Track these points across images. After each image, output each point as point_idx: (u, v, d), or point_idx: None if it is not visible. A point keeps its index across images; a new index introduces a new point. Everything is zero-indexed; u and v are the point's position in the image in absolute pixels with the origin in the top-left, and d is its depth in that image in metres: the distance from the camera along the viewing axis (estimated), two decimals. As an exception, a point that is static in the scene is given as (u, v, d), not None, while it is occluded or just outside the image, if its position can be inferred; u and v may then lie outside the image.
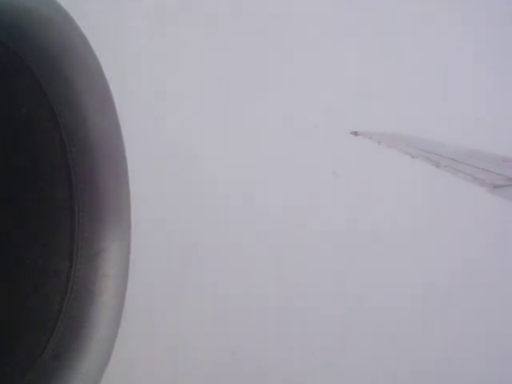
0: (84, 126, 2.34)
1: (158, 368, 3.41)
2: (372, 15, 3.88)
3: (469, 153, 3.13)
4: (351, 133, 3.62)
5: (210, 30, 3.70)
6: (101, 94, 2.36)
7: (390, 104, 3.83)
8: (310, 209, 3.73)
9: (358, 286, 3.69)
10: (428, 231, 3.77)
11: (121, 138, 2.43)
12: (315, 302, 3.66)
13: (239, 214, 3.66)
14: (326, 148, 3.76)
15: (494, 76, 3.90)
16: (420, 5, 3.94)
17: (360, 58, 3.84)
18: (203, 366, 3.48)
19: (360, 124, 3.64)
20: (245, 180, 3.68)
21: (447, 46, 3.92)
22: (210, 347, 3.49)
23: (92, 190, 2.37)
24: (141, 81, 3.51)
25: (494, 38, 3.95)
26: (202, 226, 3.59)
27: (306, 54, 3.82)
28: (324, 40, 3.82)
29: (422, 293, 3.69)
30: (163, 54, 3.60)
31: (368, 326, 3.68)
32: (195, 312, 3.50)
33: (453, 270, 3.70)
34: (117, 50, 3.25)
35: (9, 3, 2.00)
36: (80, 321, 2.30)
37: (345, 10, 3.84)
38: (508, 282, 3.67)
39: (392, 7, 3.89)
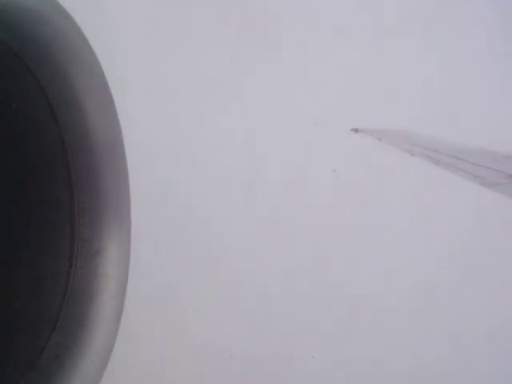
0: (84, 126, 2.34)
1: (158, 368, 3.41)
2: (371, 11, 3.87)
3: (469, 150, 3.13)
4: (352, 129, 3.62)
5: (210, 29, 3.70)
6: (101, 93, 2.36)
7: (390, 100, 3.82)
8: (310, 206, 3.73)
9: (358, 285, 3.68)
10: (428, 229, 3.77)
11: (121, 138, 2.44)
12: (315, 302, 3.65)
13: (238, 211, 3.65)
14: (326, 145, 3.75)
15: (494, 72, 3.90)
16: (421, 3, 3.94)
17: (360, 54, 3.84)
18: (203, 366, 3.48)
19: (361, 121, 3.65)
20: (243, 177, 3.68)
21: (448, 42, 3.92)
22: (209, 348, 3.49)
23: (92, 190, 2.38)
24: (141, 81, 3.51)
25: (495, 35, 3.95)
26: (201, 225, 3.59)
27: (306, 50, 3.81)
28: (323, 37, 3.82)
29: (422, 291, 3.69)
30: (163, 53, 3.60)
31: (368, 326, 3.68)
32: (195, 312, 3.50)
33: (453, 267, 3.69)
34: (117, 50, 3.24)
35: (9, 3, 2.00)
36: (80, 321, 2.30)
37: (345, 6, 3.84)
38: (509, 280, 3.67)
39: (393, 5, 3.89)
